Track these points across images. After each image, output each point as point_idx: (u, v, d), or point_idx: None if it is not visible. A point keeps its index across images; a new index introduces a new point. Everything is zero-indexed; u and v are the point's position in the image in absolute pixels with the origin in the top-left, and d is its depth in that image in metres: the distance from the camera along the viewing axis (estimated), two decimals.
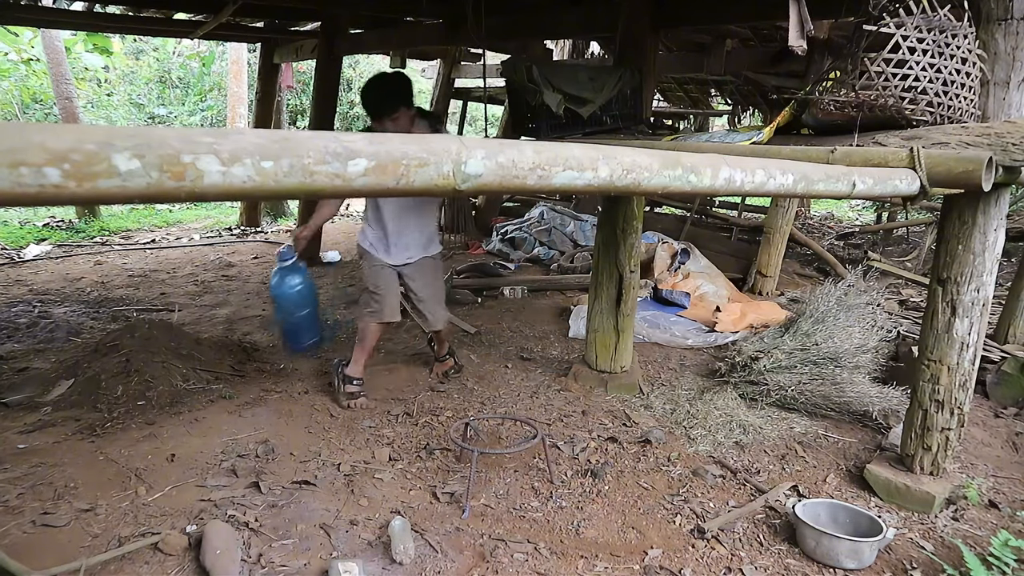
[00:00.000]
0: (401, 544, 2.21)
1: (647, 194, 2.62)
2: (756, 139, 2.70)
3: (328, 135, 0.87)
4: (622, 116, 3.38)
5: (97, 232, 8.00)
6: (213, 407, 3.25)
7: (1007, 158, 2.10)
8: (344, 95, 13.96)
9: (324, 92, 6.60)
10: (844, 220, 10.62)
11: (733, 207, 8.67)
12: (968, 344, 2.45)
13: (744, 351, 3.67)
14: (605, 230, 3.58)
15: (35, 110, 12.02)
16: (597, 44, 7.51)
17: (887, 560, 2.27)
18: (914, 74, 2.27)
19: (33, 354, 3.90)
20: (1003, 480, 2.80)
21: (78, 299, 5.13)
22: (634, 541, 2.37)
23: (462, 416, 3.26)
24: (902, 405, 3.09)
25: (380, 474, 2.72)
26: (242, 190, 0.80)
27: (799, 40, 2.16)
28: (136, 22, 6.46)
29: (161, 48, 14.17)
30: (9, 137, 0.65)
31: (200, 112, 13.97)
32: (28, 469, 2.63)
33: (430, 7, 4.78)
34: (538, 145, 1.08)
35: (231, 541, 2.18)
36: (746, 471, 2.83)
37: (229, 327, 4.53)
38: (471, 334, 4.48)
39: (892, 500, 2.60)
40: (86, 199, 0.71)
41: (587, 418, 3.30)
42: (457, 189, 0.98)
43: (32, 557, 2.08)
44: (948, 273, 2.42)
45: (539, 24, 4.59)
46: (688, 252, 5.70)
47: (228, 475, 2.67)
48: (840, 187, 1.66)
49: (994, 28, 2.44)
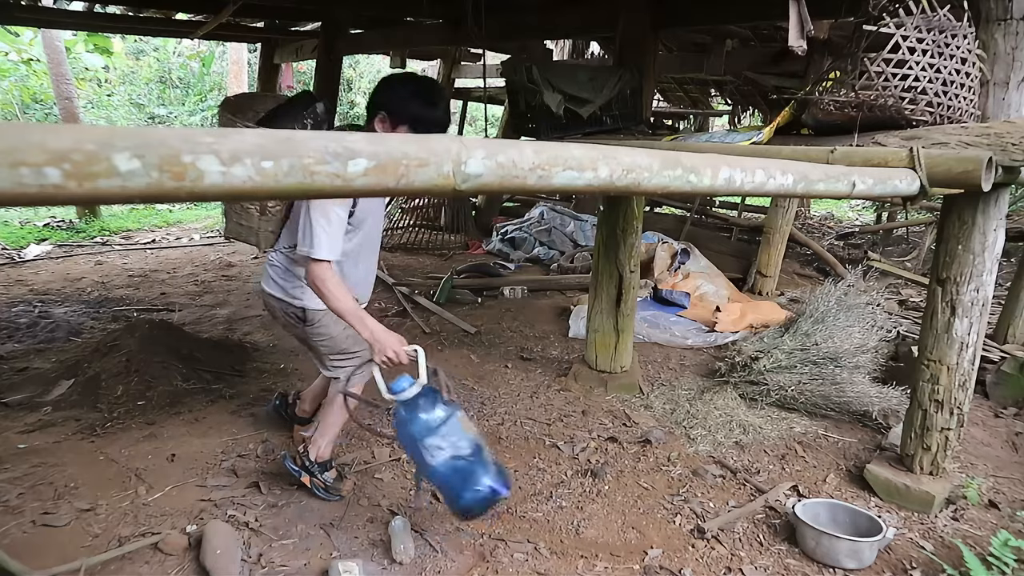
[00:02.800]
0: (401, 544, 2.21)
1: (647, 194, 2.62)
2: (756, 139, 2.70)
3: (328, 135, 0.87)
4: (622, 116, 3.38)
5: (97, 232, 8.00)
6: (213, 407, 3.24)
7: (1007, 158, 2.11)
8: (344, 95, 13.95)
9: (324, 92, 6.60)
10: (844, 220, 10.62)
11: (733, 207, 8.67)
12: (968, 344, 2.45)
13: (744, 351, 3.67)
14: (605, 230, 3.58)
15: (35, 110, 12.02)
16: (597, 44, 7.51)
17: (887, 560, 2.27)
18: (914, 74, 2.27)
19: (33, 354, 3.90)
20: (1003, 480, 2.80)
21: (78, 299, 5.13)
22: (634, 541, 2.37)
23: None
24: (902, 405, 3.09)
25: (380, 474, 2.72)
26: (242, 190, 0.80)
27: (799, 40, 2.16)
28: (136, 22, 6.46)
29: (161, 48, 14.16)
30: (9, 137, 0.65)
31: (200, 112, 13.95)
32: (28, 469, 2.63)
33: (430, 7, 4.78)
34: (538, 145, 1.07)
35: (231, 541, 2.18)
36: (746, 471, 2.83)
37: (229, 327, 4.53)
38: (471, 334, 4.48)
39: (892, 500, 2.60)
40: (86, 199, 0.71)
41: (587, 418, 3.30)
42: (457, 189, 0.98)
43: (32, 557, 2.08)
44: (948, 273, 2.42)
45: (539, 24, 4.58)
46: (688, 252, 5.70)
47: (228, 475, 2.67)
48: (840, 187, 1.66)
49: (994, 28, 2.44)
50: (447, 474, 2.03)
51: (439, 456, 2.01)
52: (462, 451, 2.03)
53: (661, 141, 2.99)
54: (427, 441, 2.01)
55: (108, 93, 13.73)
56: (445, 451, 2.02)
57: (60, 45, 8.32)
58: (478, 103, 9.67)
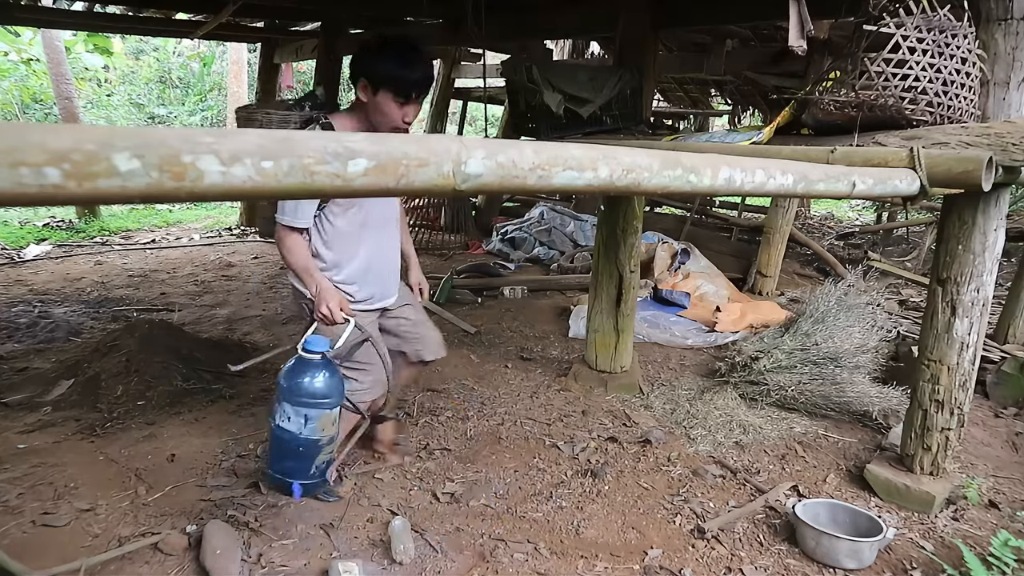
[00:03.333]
0: (401, 544, 2.21)
1: (647, 194, 2.62)
2: (756, 139, 2.70)
3: (328, 135, 0.87)
4: (622, 116, 3.38)
5: (97, 232, 8.00)
6: (213, 407, 3.24)
7: (1007, 158, 2.10)
8: (344, 95, 13.94)
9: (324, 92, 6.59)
10: (844, 220, 10.62)
11: (733, 207, 8.67)
12: (968, 344, 2.45)
13: (744, 351, 3.67)
14: (605, 230, 3.58)
15: (35, 110, 12.02)
16: (597, 44, 7.51)
17: (887, 560, 2.27)
18: (914, 74, 2.27)
19: (33, 354, 3.90)
20: (1003, 480, 2.80)
21: (78, 299, 5.13)
22: (634, 541, 2.37)
23: (462, 416, 3.26)
24: (902, 405, 3.09)
25: (380, 474, 2.72)
26: (242, 190, 0.80)
27: (799, 40, 2.16)
28: (136, 22, 6.46)
29: (161, 48, 14.16)
30: (9, 137, 0.64)
31: (200, 112, 13.96)
32: (28, 469, 2.63)
33: (430, 7, 4.78)
34: (538, 145, 1.07)
35: (231, 541, 2.18)
36: (746, 471, 2.83)
37: (229, 327, 4.53)
38: (471, 334, 4.48)
39: (892, 500, 2.60)
40: (86, 199, 0.71)
41: (587, 418, 3.30)
42: (457, 189, 0.98)
43: (32, 557, 2.08)
44: (948, 273, 2.42)
45: (539, 24, 4.58)
46: (688, 252, 5.70)
47: (228, 475, 2.67)
48: (840, 187, 1.66)
49: (994, 28, 2.44)
50: (277, 440, 2.18)
51: (282, 420, 2.12)
52: (298, 435, 2.11)
53: (661, 141, 2.99)
54: (284, 403, 2.11)
55: (108, 93, 13.74)
56: (289, 423, 2.11)
57: (60, 45, 8.32)
58: (478, 103, 9.67)
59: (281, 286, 5.71)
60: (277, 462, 2.23)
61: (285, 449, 2.16)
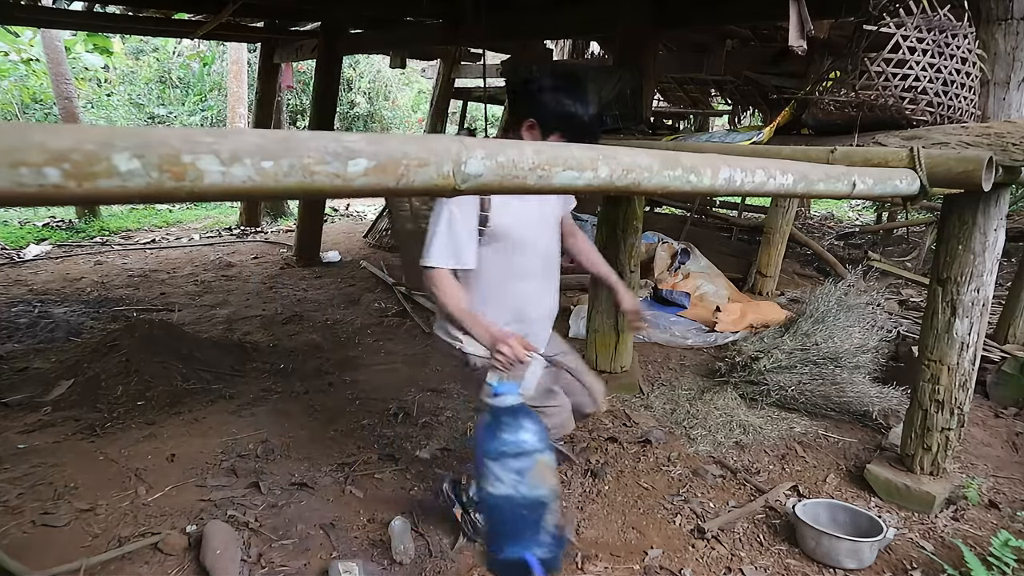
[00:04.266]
0: (401, 544, 2.21)
1: (647, 194, 2.62)
2: (756, 139, 2.70)
3: (328, 135, 0.86)
4: (622, 116, 3.38)
5: (97, 232, 8.00)
6: (213, 407, 3.24)
7: (1007, 158, 2.10)
8: (344, 95, 13.95)
9: (324, 92, 6.60)
10: (844, 220, 10.62)
11: (733, 207, 8.67)
12: (968, 344, 2.45)
13: (744, 351, 3.67)
14: (605, 230, 3.58)
15: (35, 110, 12.02)
16: (597, 44, 7.51)
17: (887, 560, 2.26)
18: (914, 74, 2.27)
19: (33, 354, 3.90)
20: (1003, 480, 2.80)
21: (78, 299, 5.13)
22: (634, 541, 2.37)
23: (462, 416, 3.26)
24: (902, 405, 3.09)
25: (380, 474, 2.72)
26: (242, 190, 0.80)
27: (799, 40, 2.16)
28: (136, 22, 6.46)
29: (161, 48, 14.16)
30: (9, 137, 0.64)
31: (200, 112, 13.95)
32: (28, 469, 2.63)
33: (430, 7, 4.78)
34: (538, 145, 1.07)
35: (231, 541, 2.18)
36: (746, 471, 2.83)
37: (229, 327, 4.53)
38: None
39: (892, 500, 2.60)
40: (86, 199, 0.71)
41: (587, 418, 3.30)
42: (457, 189, 0.98)
43: (32, 557, 2.08)
44: (948, 273, 2.41)
45: (539, 24, 4.58)
46: (688, 252, 5.70)
47: (228, 475, 2.67)
48: (840, 187, 1.66)
49: (994, 28, 2.44)
50: (492, 511, 1.76)
51: (493, 486, 1.72)
52: (520, 497, 1.70)
53: (661, 141, 2.99)
54: (490, 464, 1.71)
55: (108, 93, 13.73)
56: (504, 485, 1.70)
57: (60, 45, 8.33)
58: (478, 103, 9.66)
59: (281, 286, 5.71)
60: (499, 540, 1.77)
61: (504, 519, 1.75)
